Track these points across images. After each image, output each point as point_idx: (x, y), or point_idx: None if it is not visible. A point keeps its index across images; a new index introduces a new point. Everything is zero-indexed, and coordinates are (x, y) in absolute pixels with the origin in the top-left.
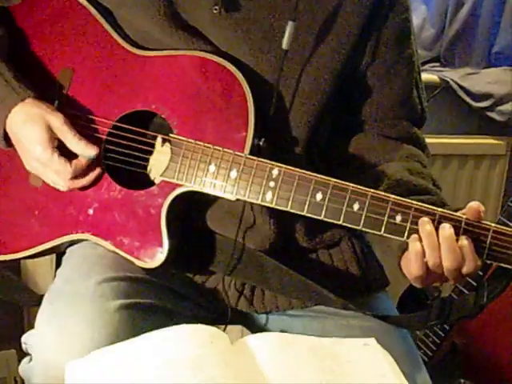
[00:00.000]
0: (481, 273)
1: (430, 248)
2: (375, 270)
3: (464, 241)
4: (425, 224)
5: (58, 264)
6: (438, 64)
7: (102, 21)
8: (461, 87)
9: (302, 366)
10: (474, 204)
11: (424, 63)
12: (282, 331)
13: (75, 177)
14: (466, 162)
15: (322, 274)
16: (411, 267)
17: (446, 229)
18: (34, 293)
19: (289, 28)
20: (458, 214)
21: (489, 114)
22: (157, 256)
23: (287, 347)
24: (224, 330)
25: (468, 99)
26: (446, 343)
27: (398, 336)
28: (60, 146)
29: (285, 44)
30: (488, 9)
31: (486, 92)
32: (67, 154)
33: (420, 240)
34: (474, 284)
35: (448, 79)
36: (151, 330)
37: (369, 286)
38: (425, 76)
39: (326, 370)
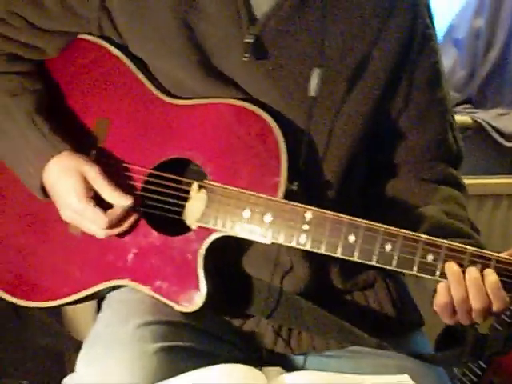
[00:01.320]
0: None
1: (456, 283)
2: (410, 310)
3: (491, 278)
4: (452, 266)
5: (99, 309)
6: (469, 105)
7: (136, 71)
8: (493, 128)
9: None
10: None
11: (456, 105)
12: None
13: (111, 226)
14: (500, 202)
15: (357, 314)
16: (437, 296)
17: (473, 271)
18: (75, 339)
19: (314, 75)
20: (488, 251)
21: None
22: (195, 300)
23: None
24: (263, 372)
25: (501, 139)
26: (484, 382)
27: (435, 375)
28: (96, 196)
29: (312, 91)
30: None
31: None
32: (104, 203)
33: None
34: (509, 321)
35: (480, 120)
36: None
37: (404, 326)
38: (457, 117)
39: None
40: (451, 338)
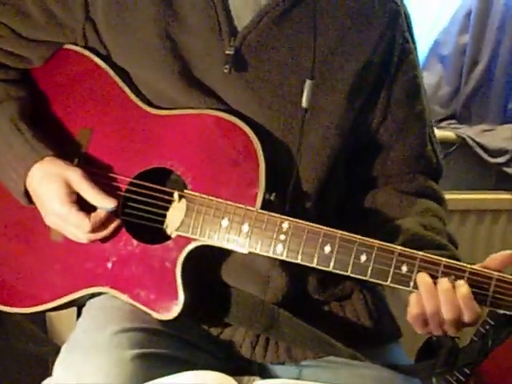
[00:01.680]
0: (492, 322)
1: (428, 294)
2: (387, 322)
3: (463, 290)
4: (424, 277)
5: (79, 315)
6: (454, 121)
7: (119, 81)
8: (477, 143)
9: None
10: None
11: (440, 120)
12: None
13: (94, 230)
14: (483, 218)
15: (334, 325)
16: (409, 307)
17: (444, 282)
18: (56, 345)
19: (307, 86)
20: (462, 263)
21: (505, 169)
22: (172, 308)
23: None
24: (239, 382)
25: (484, 155)
26: None
27: None
28: (79, 200)
29: (304, 102)
30: (502, 66)
31: (502, 148)
32: (86, 208)
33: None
34: (484, 332)
35: (464, 136)
36: None
37: (380, 338)
38: (441, 133)
39: None
40: (432, 350)
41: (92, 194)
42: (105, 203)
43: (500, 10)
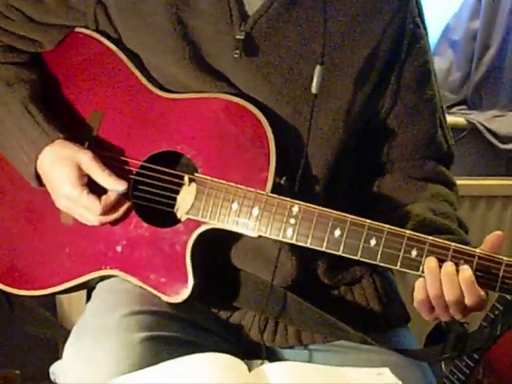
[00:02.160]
0: (500, 307)
1: (431, 278)
2: (396, 307)
3: (465, 273)
4: (430, 261)
5: (89, 298)
6: (465, 107)
7: (131, 65)
8: (488, 129)
9: None
10: (492, 236)
11: (451, 106)
12: None
13: (105, 212)
14: (493, 204)
15: (343, 309)
16: (415, 292)
17: (448, 265)
18: (65, 328)
19: (317, 72)
20: (471, 248)
21: None
22: (182, 291)
23: (301, 373)
24: (248, 365)
25: (495, 141)
26: (471, 381)
27: (419, 371)
28: (90, 183)
29: (314, 88)
30: None
31: None
32: (97, 190)
33: None
34: (494, 317)
35: (475, 122)
36: None
37: (389, 322)
38: (452, 118)
39: None
40: (441, 334)
41: (103, 177)
42: (115, 185)
43: None
